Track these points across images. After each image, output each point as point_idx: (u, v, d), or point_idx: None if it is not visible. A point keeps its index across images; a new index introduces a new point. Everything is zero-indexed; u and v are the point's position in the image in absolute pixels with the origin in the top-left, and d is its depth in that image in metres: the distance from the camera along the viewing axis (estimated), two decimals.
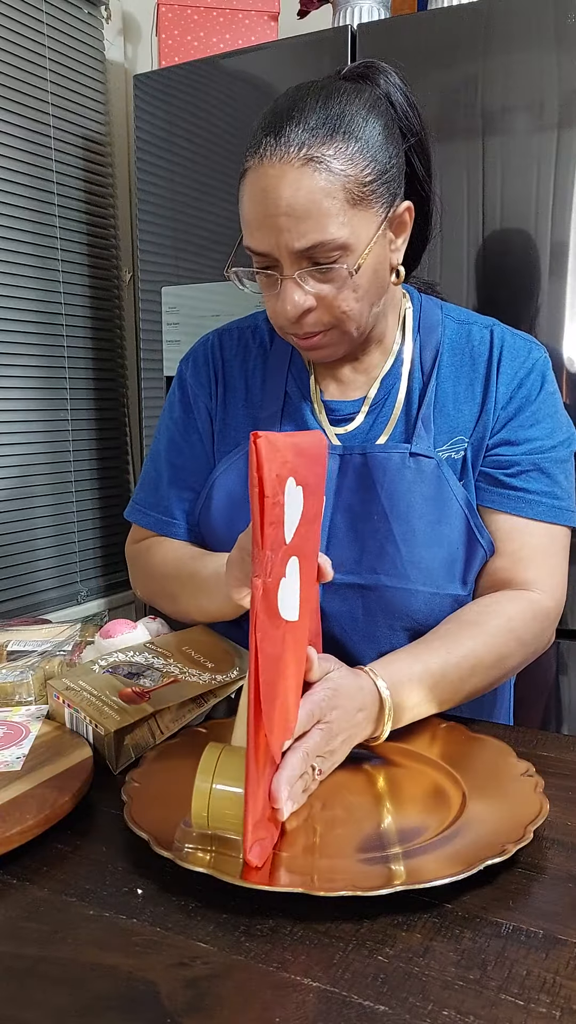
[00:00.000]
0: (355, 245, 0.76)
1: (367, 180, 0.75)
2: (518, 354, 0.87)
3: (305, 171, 0.73)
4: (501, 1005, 0.44)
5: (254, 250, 0.78)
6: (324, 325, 0.80)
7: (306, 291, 0.77)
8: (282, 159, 0.73)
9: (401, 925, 0.51)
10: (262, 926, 0.51)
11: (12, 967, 0.47)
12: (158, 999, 0.44)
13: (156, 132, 1.67)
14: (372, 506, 0.85)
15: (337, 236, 0.74)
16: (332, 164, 0.73)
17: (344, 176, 0.74)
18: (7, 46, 1.75)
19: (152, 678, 0.78)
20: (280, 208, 0.74)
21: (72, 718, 0.73)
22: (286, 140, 0.74)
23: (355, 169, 0.74)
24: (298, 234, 0.74)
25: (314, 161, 0.73)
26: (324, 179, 0.73)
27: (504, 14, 1.31)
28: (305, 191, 0.73)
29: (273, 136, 0.74)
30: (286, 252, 0.75)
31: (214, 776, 0.56)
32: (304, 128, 0.74)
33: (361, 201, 0.75)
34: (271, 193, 0.74)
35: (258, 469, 0.51)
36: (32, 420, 1.88)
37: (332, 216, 0.74)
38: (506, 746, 0.70)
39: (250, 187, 0.76)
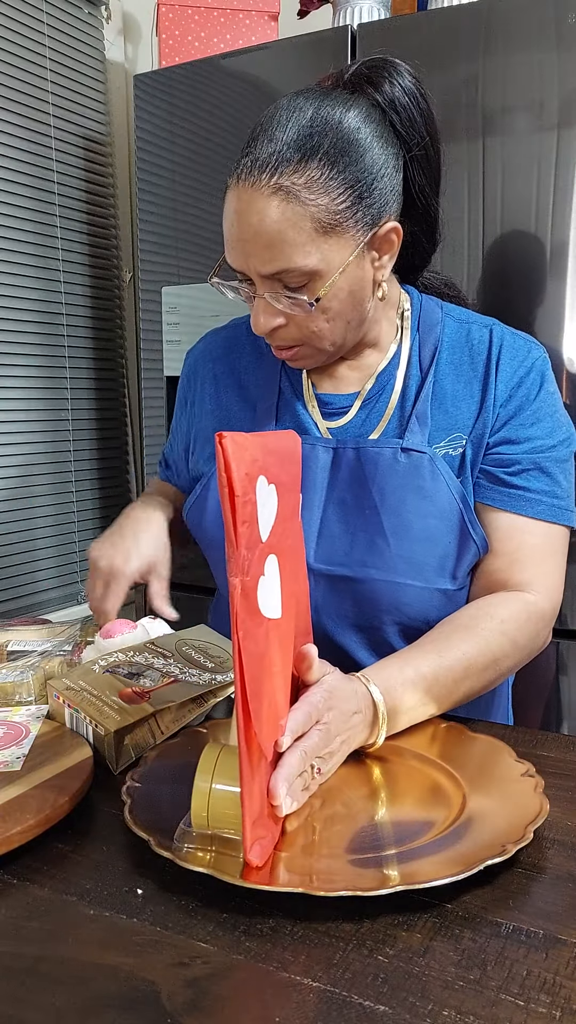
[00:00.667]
0: (325, 271, 0.76)
1: (340, 208, 0.75)
2: (517, 353, 0.87)
3: (272, 201, 0.74)
4: (501, 1005, 0.44)
5: (231, 266, 0.80)
6: (295, 341, 0.82)
7: (276, 311, 0.79)
8: (253, 184, 0.74)
9: (401, 925, 0.51)
10: (262, 926, 0.51)
11: (12, 967, 0.47)
12: (158, 999, 0.44)
13: (156, 132, 1.67)
14: (364, 500, 0.85)
15: (303, 264, 0.75)
16: (301, 194, 0.73)
17: (314, 206, 0.74)
18: (7, 46, 1.75)
19: (152, 678, 0.78)
20: (247, 233, 0.75)
21: (72, 718, 0.73)
22: (260, 164, 0.74)
23: (327, 198, 0.74)
24: (264, 260, 0.76)
25: (283, 191, 0.73)
26: (291, 210, 0.74)
27: (504, 14, 1.31)
28: (271, 221, 0.74)
29: (250, 158, 0.75)
30: (255, 274, 0.78)
31: (213, 776, 0.56)
32: (278, 153, 0.74)
33: (333, 228, 0.75)
34: (241, 217, 0.75)
35: (226, 469, 0.51)
36: (32, 420, 1.88)
37: (298, 246, 0.75)
38: (506, 746, 0.70)
39: (227, 207, 0.78)
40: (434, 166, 0.86)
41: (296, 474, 0.68)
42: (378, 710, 0.69)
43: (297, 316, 0.79)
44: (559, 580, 0.88)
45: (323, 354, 0.84)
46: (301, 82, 1.49)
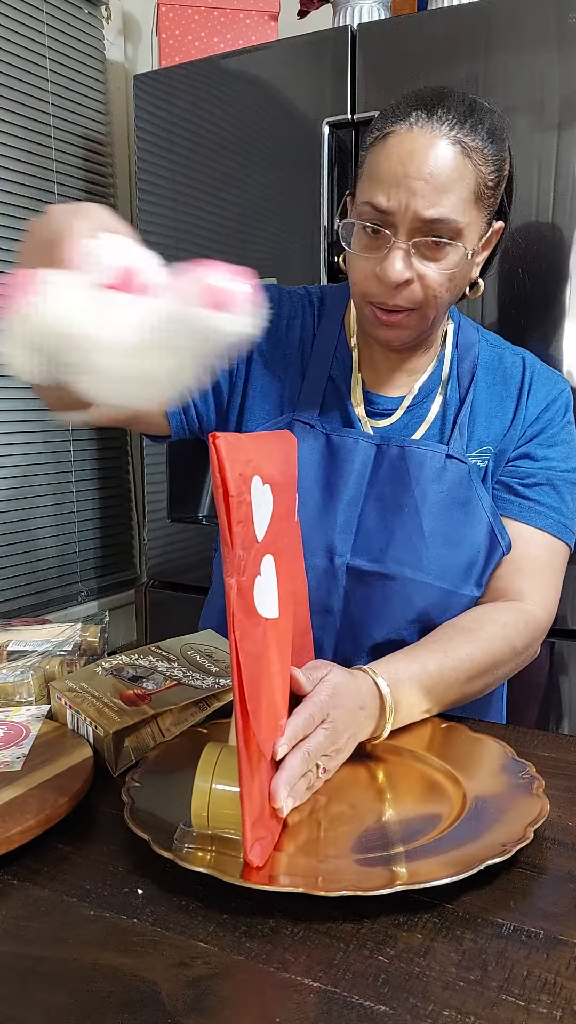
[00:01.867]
0: (467, 237, 0.78)
1: (490, 184, 0.78)
2: (547, 381, 0.93)
3: (452, 149, 0.75)
4: (502, 1006, 0.44)
5: (378, 206, 0.77)
6: (413, 303, 0.81)
7: (412, 264, 0.78)
8: (432, 131, 0.76)
9: (402, 925, 0.51)
10: (263, 926, 0.51)
11: (13, 967, 0.47)
12: (159, 999, 0.44)
13: (156, 132, 1.67)
14: (404, 498, 0.87)
15: (460, 219, 0.77)
16: (473, 154, 0.76)
17: (477, 170, 0.77)
18: (7, 46, 1.75)
19: (155, 681, 0.78)
20: (422, 172, 0.75)
21: (73, 719, 0.73)
22: (439, 118, 0.76)
23: (487, 168, 0.77)
24: (430, 202, 0.76)
25: (461, 144, 0.76)
26: (463, 165, 0.76)
27: (504, 14, 1.31)
28: (447, 166, 0.75)
29: (425, 111, 0.76)
30: (412, 216, 0.76)
31: (214, 776, 0.56)
32: (455, 114, 0.76)
33: (480, 200, 0.78)
34: (417, 157, 0.75)
35: (220, 470, 0.51)
36: (32, 420, 1.88)
37: (463, 200, 0.76)
38: (506, 746, 0.70)
39: (394, 147, 0.76)
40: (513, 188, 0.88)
41: (291, 474, 0.68)
42: (385, 702, 0.70)
43: (427, 276, 0.79)
44: (555, 595, 0.91)
45: (421, 327, 0.84)
46: (301, 82, 1.49)
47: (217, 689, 0.78)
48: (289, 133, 1.52)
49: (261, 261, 1.56)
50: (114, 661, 0.82)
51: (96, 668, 0.80)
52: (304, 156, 1.50)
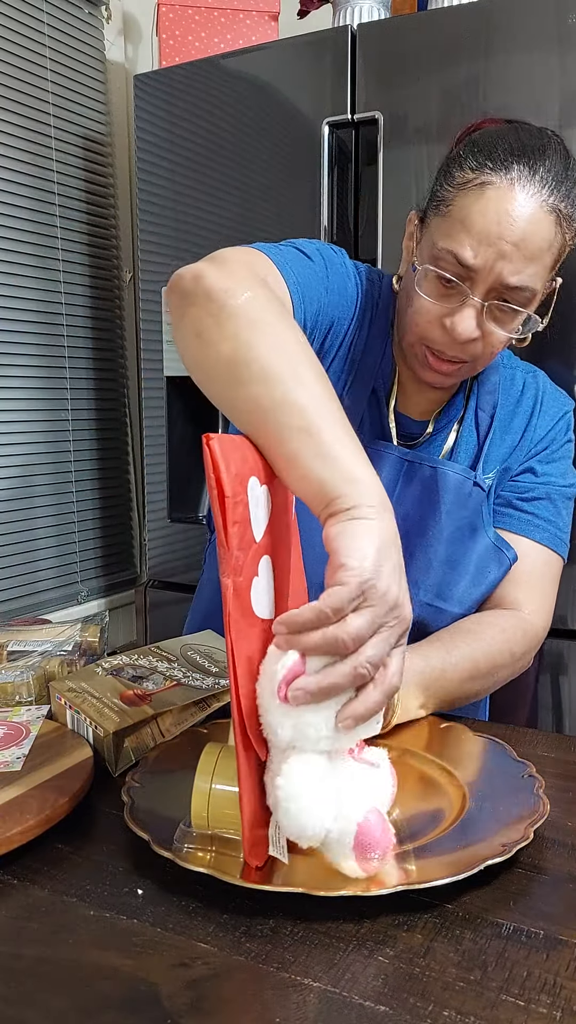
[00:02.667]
0: (536, 302, 0.78)
1: (571, 247, 0.77)
2: (555, 402, 0.94)
3: (549, 219, 0.73)
4: (502, 1006, 0.44)
5: (463, 260, 0.74)
6: (472, 357, 0.80)
7: (482, 321, 0.77)
8: (534, 195, 0.73)
9: (402, 925, 0.51)
10: (263, 926, 0.51)
11: (12, 967, 0.47)
12: (159, 999, 0.44)
13: (156, 132, 1.67)
14: (430, 522, 0.87)
15: (538, 288, 0.76)
16: (563, 223, 0.74)
17: (564, 238, 0.75)
18: (7, 46, 1.75)
19: (155, 681, 0.78)
20: (515, 237, 0.72)
21: (73, 719, 0.73)
22: (540, 179, 0.73)
23: (570, 235, 0.76)
24: (515, 270, 0.74)
25: (556, 213, 0.73)
26: (555, 235, 0.74)
27: (504, 14, 1.31)
28: (541, 237, 0.73)
29: (527, 167, 0.73)
30: (494, 278, 0.74)
31: (213, 776, 0.56)
32: (555, 175, 0.74)
33: (554, 265, 0.77)
34: (515, 220, 0.72)
35: (214, 470, 0.52)
36: (32, 420, 1.88)
37: (546, 268, 0.75)
38: (506, 746, 0.70)
39: (492, 202, 0.73)
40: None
41: None
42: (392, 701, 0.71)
43: (493, 335, 0.77)
44: (551, 605, 0.92)
45: (466, 376, 0.85)
46: (301, 82, 1.49)
47: (217, 689, 0.78)
48: (289, 133, 1.52)
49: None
50: (114, 661, 0.81)
51: (96, 668, 0.80)
52: (304, 156, 1.50)
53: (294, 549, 0.69)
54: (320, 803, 0.52)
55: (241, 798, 0.53)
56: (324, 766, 0.54)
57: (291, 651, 0.52)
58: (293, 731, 0.53)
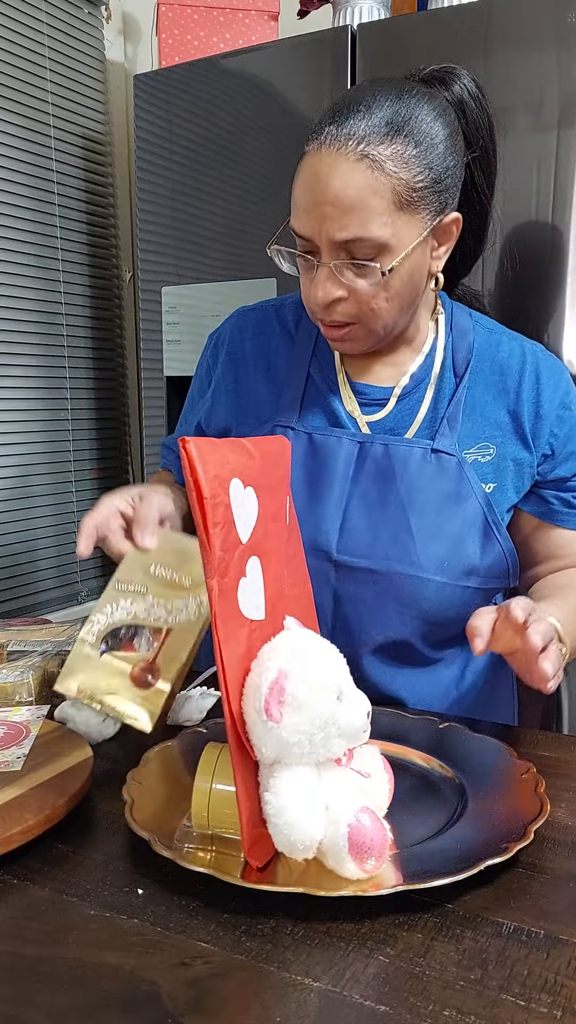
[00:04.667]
0: (395, 246, 0.77)
1: (418, 186, 0.77)
2: (554, 375, 0.90)
3: (358, 167, 0.75)
4: (502, 1005, 0.44)
5: (298, 233, 0.79)
6: (351, 318, 0.82)
7: (340, 282, 0.79)
8: (339, 150, 0.75)
9: (402, 925, 0.51)
10: (263, 926, 0.51)
11: (13, 967, 0.47)
12: (159, 999, 0.44)
13: (156, 132, 1.67)
14: (388, 495, 0.87)
15: (378, 235, 0.76)
16: (386, 165, 0.75)
17: (396, 179, 0.75)
18: (7, 46, 1.75)
19: (145, 638, 0.74)
20: (327, 197, 0.75)
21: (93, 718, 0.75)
22: (347, 132, 0.75)
23: (408, 173, 0.76)
24: (340, 225, 0.76)
25: (369, 158, 0.75)
26: (375, 178, 0.75)
27: (504, 14, 1.31)
28: (354, 186, 0.75)
29: (335, 126, 0.76)
30: (326, 240, 0.77)
31: (214, 776, 0.57)
32: (367, 124, 0.75)
33: (408, 205, 0.77)
34: (322, 180, 0.76)
35: (192, 472, 0.52)
36: (32, 420, 1.88)
37: (376, 215, 0.76)
38: (506, 746, 0.70)
39: (304, 171, 0.78)
40: (492, 168, 0.89)
41: (282, 477, 0.68)
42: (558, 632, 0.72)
43: (359, 290, 0.79)
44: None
45: (373, 337, 0.84)
46: (301, 82, 1.49)
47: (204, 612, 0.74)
48: (289, 133, 1.52)
49: (261, 261, 1.56)
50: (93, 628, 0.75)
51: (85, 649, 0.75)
52: None
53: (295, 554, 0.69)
54: (308, 816, 0.52)
55: (239, 798, 0.53)
56: (312, 778, 0.54)
57: (274, 667, 0.53)
58: (278, 747, 0.53)
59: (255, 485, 0.59)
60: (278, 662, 0.54)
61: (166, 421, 1.74)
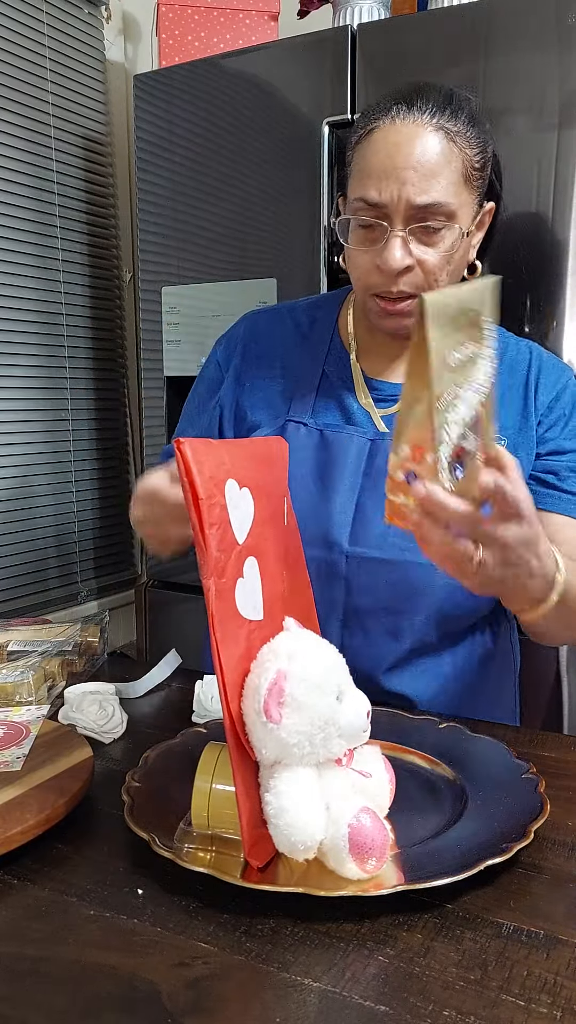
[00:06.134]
0: (460, 219, 0.81)
1: (477, 165, 0.82)
2: (554, 370, 0.93)
3: (436, 136, 0.79)
4: (502, 1005, 0.44)
5: (370, 201, 0.80)
6: (415, 288, 0.83)
7: (410, 251, 0.81)
8: (415, 121, 0.79)
9: (402, 925, 0.51)
10: (263, 926, 0.51)
11: (12, 967, 0.47)
12: (159, 999, 0.44)
13: (156, 132, 1.67)
14: None
15: (451, 202, 0.79)
16: (456, 139, 0.79)
17: (463, 153, 0.80)
18: (7, 46, 1.75)
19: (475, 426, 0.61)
20: (410, 162, 0.78)
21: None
22: (419, 107, 0.80)
23: (472, 151, 0.81)
24: (420, 189, 0.78)
25: (444, 130, 0.79)
26: (450, 149, 0.79)
27: (504, 14, 1.31)
28: (433, 152, 0.78)
29: (405, 104, 0.80)
30: (404, 205, 0.79)
31: (214, 776, 0.57)
32: (434, 103, 0.80)
33: (468, 181, 0.81)
34: (404, 147, 0.79)
35: (187, 474, 0.52)
36: (32, 420, 1.88)
37: (451, 183, 0.79)
38: (506, 746, 0.70)
39: (379, 142, 0.80)
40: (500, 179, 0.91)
41: (280, 478, 0.68)
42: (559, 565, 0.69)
43: (427, 261, 0.81)
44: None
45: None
46: (301, 82, 1.49)
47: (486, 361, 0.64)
48: (289, 133, 1.52)
49: (261, 261, 1.56)
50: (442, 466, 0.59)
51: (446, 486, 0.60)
52: (304, 156, 1.50)
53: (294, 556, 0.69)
54: (308, 817, 0.52)
55: (238, 799, 0.53)
56: (312, 779, 0.54)
57: (273, 667, 0.53)
58: (278, 748, 0.53)
59: (251, 486, 0.59)
60: (277, 663, 0.54)
61: (166, 421, 1.74)
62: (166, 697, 0.91)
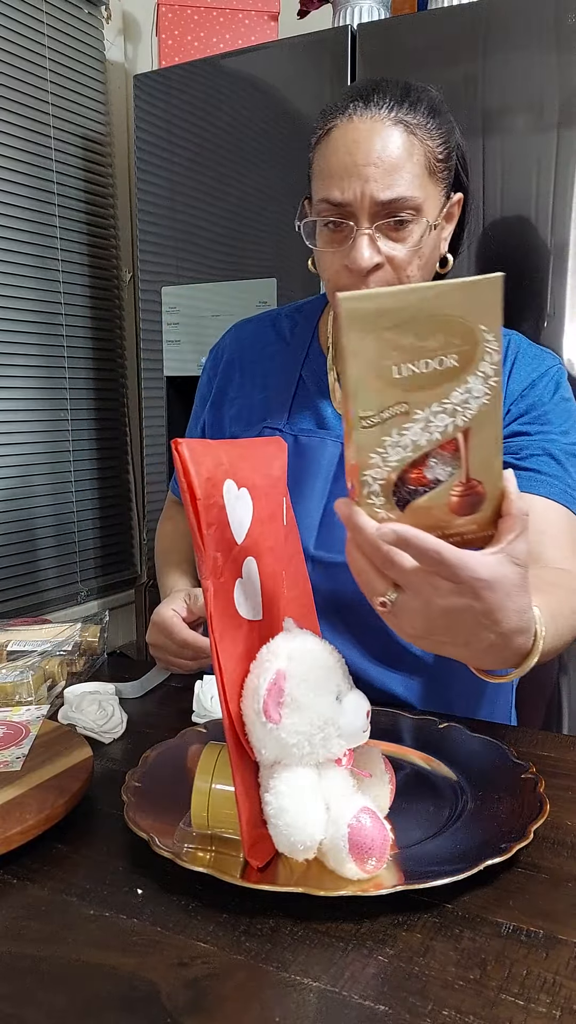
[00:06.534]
0: (427, 212, 0.80)
1: (440, 156, 0.81)
2: (531, 360, 0.90)
3: (395, 130, 0.78)
4: (501, 1005, 0.44)
5: (334, 201, 0.79)
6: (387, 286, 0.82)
7: (379, 248, 0.80)
8: (373, 117, 0.78)
9: (401, 925, 0.51)
10: (262, 926, 0.51)
11: (12, 967, 0.47)
12: (158, 999, 0.44)
13: (156, 132, 1.67)
14: None
15: (416, 195, 0.78)
16: (417, 131, 0.79)
17: (425, 145, 0.79)
18: (7, 46, 1.75)
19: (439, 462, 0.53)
20: (371, 158, 0.77)
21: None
22: (376, 103, 0.79)
23: (434, 143, 0.80)
24: (384, 185, 0.77)
25: (403, 123, 0.78)
26: (411, 142, 0.78)
27: (504, 14, 1.31)
28: (394, 146, 0.77)
29: (362, 100, 0.79)
30: (369, 202, 0.78)
31: (213, 776, 0.57)
32: (391, 97, 0.79)
33: (433, 173, 0.80)
34: (363, 144, 0.78)
35: (185, 474, 0.52)
36: (32, 420, 1.88)
37: (414, 176, 0.78)
38: (506, 746, 0.70)
39: (338, 140, 0.79)
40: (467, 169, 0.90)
41: (278, 478, 0.68)
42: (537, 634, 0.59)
43: (396, 257, 0.80)
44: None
45: None
46: (301, 82, 1.49)
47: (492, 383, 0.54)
48: (289, 133, 1.52)
49: (261, 261, 1.56)
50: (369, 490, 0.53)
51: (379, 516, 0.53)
52: (304, 156, 1.50)
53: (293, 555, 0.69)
54: (308, 817, 0.52)
55: (238, 799, 0.53)
56: (312, 779, 0.54)
57: (272, 668, 0.53)
58: (277, 748, 0.53)
59: (249, 486, 0.59)
60: (277, 663, 0.54)
61: (166, 421, 1.74)
62: (166, 697, 0.91)
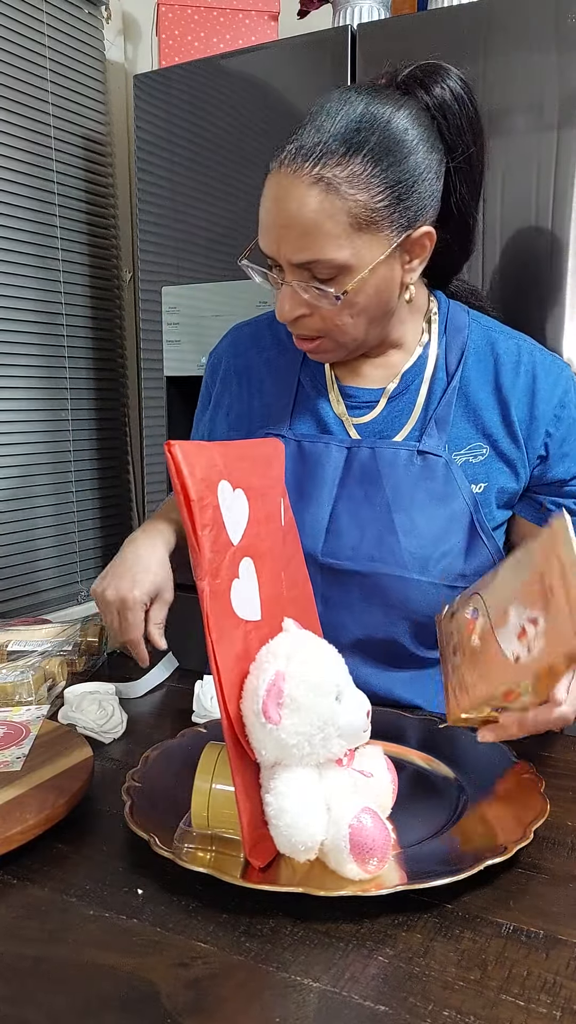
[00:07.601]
0: (355, 266, 0.77)
1: (378, 206, 0.75)
2: (552, 371, 0.88)
3: (312, 191, 0.74)
4: (501, 1005, 0.44)
5: (263, 250, 0.81)
6: (316, 332, 0.83)
7: (302, 300, 0.80)
8: (295, 172, 0.75)
9: (401, 925, 0.51)
10: (262, 926, 0.51)
11: (12, 967, 0.47)
12: (158, 999, 0.44)
13: (156, 132, 1.67)
14: (375, 496, 0.86)
15: (334, 257, 0.76)
16: (342, 187, 0.74)
17: (353, 201, 0.74)
18: (7, 46, 1.75)
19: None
20: (282, 220, 0.76)
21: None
22: (305, 153, 0.75)
23: (366, 194, 0.75)
24: (296, 248, 0.76)
25: (323, 181, 0.74)
26: (330, 202, 0.74)
27: (504, 14, 1.31)
28: (308, 210, 0.75)
29: (295, 145, 0.76)
30: (285, 261, 0.78)
31: (213, 776, 0.57)
32: (324, 144, 0.75)
33: (368, 225, 0.76)
34: (278, 204, 0.76)
35: (178, 475, 0.52)
36: (32, 420, 1.88)
37: (332, 238, 0.75)
38: (506, 746, 0.70)
39: (266, 191, 0.79)
40: (476, 175, 0.86)
41: (276, 478, 0.68)
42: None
43: (322, 308, 0.80)
44: None
45: (344, 349, 0.85)
46: (301, 82, 1.49)
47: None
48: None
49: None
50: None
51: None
52: None
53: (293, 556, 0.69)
54: (309, 817, 0.52)
55: (238, 800, 0.53)
56: (312, 779, 0.54)
57: (272, 668, 0.53)
58: (277, 749, 0.53)
59: (245, 487, 0.59)
60: (276, 664, 0.54)
61: (166, 421, 1.74)
62: (166, 697, 0.91)
